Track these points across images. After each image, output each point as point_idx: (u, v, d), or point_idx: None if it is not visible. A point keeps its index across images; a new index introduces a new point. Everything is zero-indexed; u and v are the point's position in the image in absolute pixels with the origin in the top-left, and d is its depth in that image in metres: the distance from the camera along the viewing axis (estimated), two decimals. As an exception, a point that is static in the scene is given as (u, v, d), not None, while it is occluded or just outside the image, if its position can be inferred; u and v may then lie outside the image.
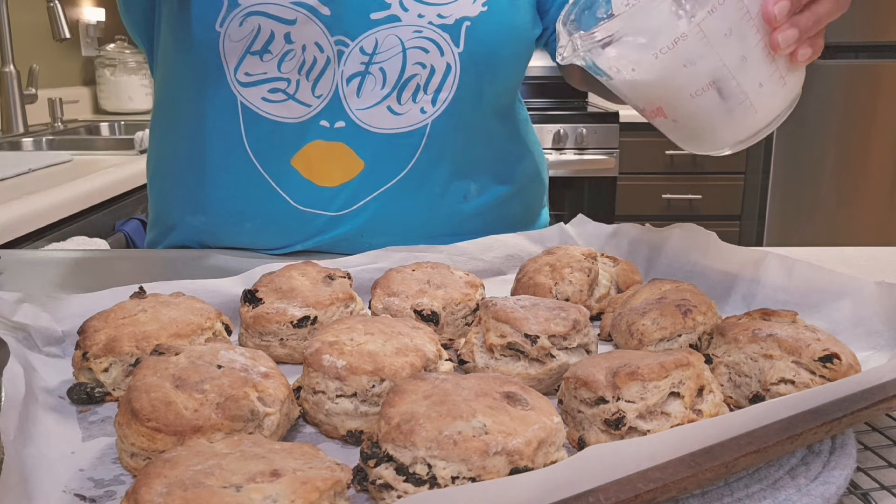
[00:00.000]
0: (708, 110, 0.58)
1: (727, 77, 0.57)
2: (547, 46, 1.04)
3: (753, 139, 0.61)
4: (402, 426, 0.44)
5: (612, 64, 0.58)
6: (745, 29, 0.56)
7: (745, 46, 0.56)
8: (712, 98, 0.57)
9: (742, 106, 0.58)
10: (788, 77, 0.59)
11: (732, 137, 0.61)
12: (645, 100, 0.60)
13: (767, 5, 0.55)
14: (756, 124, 0.60)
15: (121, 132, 2.64)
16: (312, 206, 0.91)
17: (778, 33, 0.56)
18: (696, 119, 0.59)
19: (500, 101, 0.97)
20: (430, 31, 0.88)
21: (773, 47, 0.57)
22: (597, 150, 2.99)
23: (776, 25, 0.56)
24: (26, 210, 1.41)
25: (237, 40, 0.85)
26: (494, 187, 0.98)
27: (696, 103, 0.58)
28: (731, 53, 0.56)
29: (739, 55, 0.56)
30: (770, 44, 0.57)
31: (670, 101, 0.59)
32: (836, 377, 0.53)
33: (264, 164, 0.90)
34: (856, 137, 2.97)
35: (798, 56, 0.58)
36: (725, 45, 0.55)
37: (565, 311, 0.63)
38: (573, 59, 0.58)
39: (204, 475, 0.39)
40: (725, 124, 0.59)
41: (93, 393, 0.57)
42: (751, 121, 0.59)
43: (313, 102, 0.88)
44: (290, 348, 0.65)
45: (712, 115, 0.59)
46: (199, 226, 0.96)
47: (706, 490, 0.44)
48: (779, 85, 0.59)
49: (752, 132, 0.60)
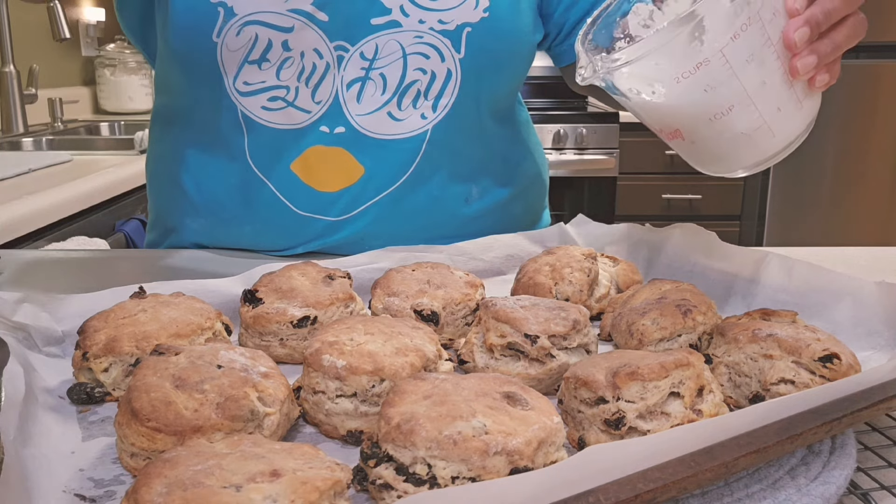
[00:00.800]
0: (726, 134, 0.59)
1: (747, 102, 0.57)
2: (550, 50, 1.04)
3: (769, 162, 0.61)
4: (402, 426, 0.44)
5: (632, 86, 0.59)
6: (765, 55, 0.56)
7: (765, 72, 0.57)
8: (731, 122, 0.58)
9: (760, 130, 0.59)
10: (805, 101, 0.60)
11: (749, 160, 0.61)
12: (663, 122, 0.61)
13: (788, 32, 0.56)
14: (773, 147, 0.60)
15: (121, 132, 2.64)
16: (312, 211, 0.91)
17: (798, 59, 0.57)
18: (714, 142, 0.60)
19: (500, 105, 0.97)
20: (430, 36, 0.87)
21: (792, 73, 0.57)
22: (597, 150, 2.99)
23: (796, 52, 0.57)
24: (26, 210, 1.41)
25: (235, 50, 0.85)
26: (496, 190, 0.98)
27: (715, 127, 0.58)
28: (752, 79, 0.56)
29: (760, 80, 0.57)
30: (790, 69, 0.57)
31: (689, 124, 0.59)
32: (836, 377, 0.53)
33: (264, 170, 0.90)
34: (856, 137, 2.97)
35: (816, 82, 0.59)
36: (746, 71, 0.56)
37: (565, 311, 0.63)
38: (593, 79, 0.58)
39: (204, 475, 0.39)
40: (743, 147, 0.60)
41: (93, 393, 0.57)
42: (768, 144, 0.60)
43: (313, 109, 0.88)
44: (290, 348, 0.65)
45: (731, 139, 0.59)
46: (198, 228, 0.96)
47: (706, 490, 0.44)
48: (796, 109, 0.59)
49: (769, 155, 0.61)
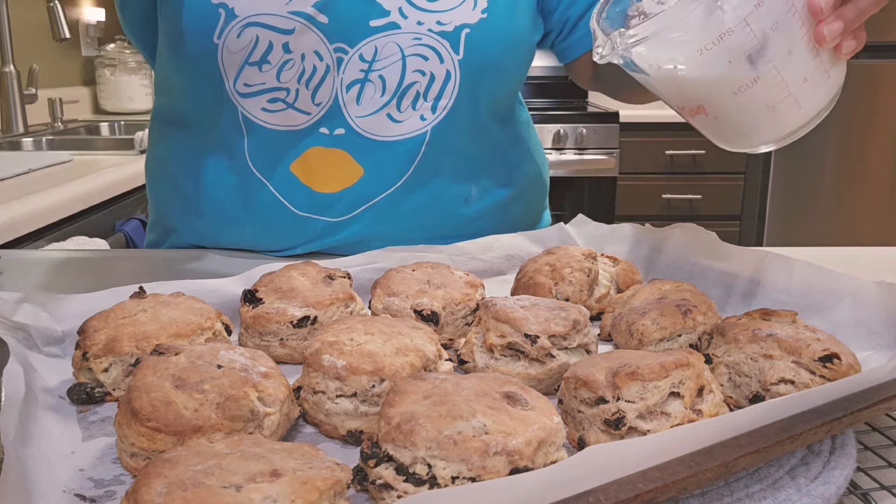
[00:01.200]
0: (751, 107, 0.57)
1: (772, 72, 0.55)
2: (553, 47, 1.04)
3: (796, 135, 0.60)
4: (402, 426, 0.44)
5: (653, 61, 0.57)
6: (790, 22, 0.55)
7: (790, 40, 0.55)
8: (756, 94, 0.56)
9: (786, 102, 0.57)
10: (832, 71, 0.58)
11: (776, 134, 0.60)
12: (685, 97, 0.59)
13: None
14: (800, 119, 0.59)
15: (121, 132, 2.64)
16: (312, 212, 0.91)
17: (823, 25, 0.55)
18: (738, 116, 0.58)
19: (500, 106, 0.97)
20: (429, 38, 0.87)
21: (818, 40, 0.56)
22: (597, 150, 2.99)
23: (822, 18, 0.55)
24: (26, 210, 1.41)
25: (235, 52, 0.85)
26: (496, 190, 0.98)
27: (740, 100, 0.57)
28: (777, 48, 0.55)
29: (785, 49, 0.55)
30: (815, 36, 0.56)
31: (712, 99, 0.58)
32: (836, 377, 0.53)
33: (263, 171, 0.90)
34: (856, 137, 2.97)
35: (843, 48, 0.57)
36: (771, 40, 0.54)
37: (565, 311, 0.63)
38: (611, 57, 0.57)
39: (204, 475, 0.39)
40: (769, 120, 0.58)
41: (93, 393, 0.57)
42: (795, 116, 0.58)
43: (313, 110, 0.88)
44: (290, 348, 0.65)
45: (756, 112, 0.58)
46: (198, 229, 0.96)
47: (706, 490, 0.44)
48: (823, 79, 0.58)
49: (796, 128, 0.59)
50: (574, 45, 1.01)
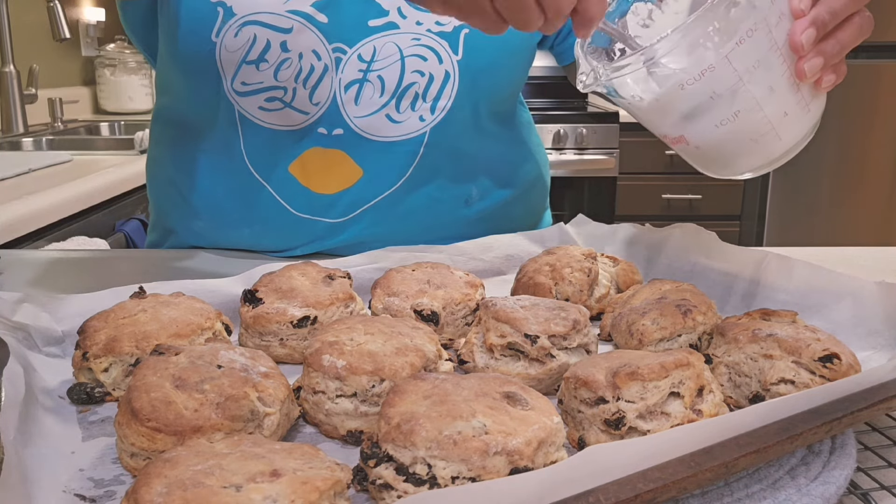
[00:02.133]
0: (732, 139, 0.58)
1: (754, 107, 0.56)
2: (552, 49, 1.04)
3: (774, 165, 0.60)
4: (402, 426, 0.44)
5: (636, 92, 0.58)
6: (772, 59, 0.55)
7: (771, 76, 0.56)
8: (737, 128, 0.57)
9: (768, 135, 0.58)
10: (812, 103, 0.59)
11: (755, 163, 0.60)
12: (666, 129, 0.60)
13: (795, 35, 0.55)
14: (778, 150, 0.59)
15: (121, 132, 2.64)
16: (311, 214, 0.91)
17: (804, 62, 0.56)
18: (719, 147, 0.59)
19: (500, 107, 0.97)
20: (428, 38, 0.87)
21: (798, 76, 0.56)
22: (597, 150, 2.99)
23: (803, 54, 0.55)
24: (26, 210, 1.41)
25: (233, 50, 0.85)
26: (496, 191, 0.98)
27: (721, 132, 0.57)
28: (759, 84, 0.55)
29: (767, 85, 0.56)
30: (796, 72, 0.56)
31: (693, 130, 0.58)
32: (836, 377, 0.53)
33: (261, 171, 0.90)
34: (855, 137, 2.97)
35: (822, 83, 0.58)
36: (753, 76, 0.55)
37: (565, 311, 0.63)
38: (595, 87, 0.57)
39: (204, 475, 0.39)
40: (749, 152, 0.59)
41: (93, 393, 0.57)
42: (774, 147, 0.59)
43: (311, 110, 0.88)
44: (290, 348, 0.65)
45: (737, 143, 0.58)
46: (198, 230, 0.96)
47: (706, 490, 0.44)
48: (803, 112, 0.58)
49: (775, 157, 0.60)
50: (570, 49, 1.01)
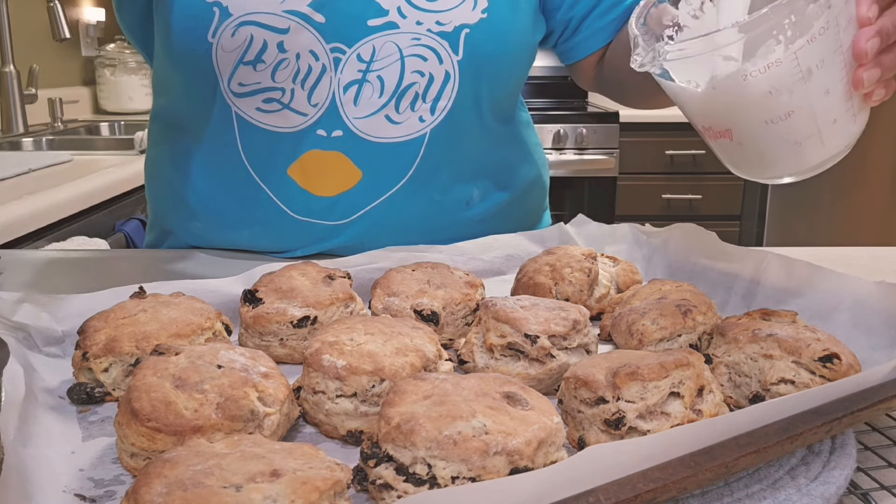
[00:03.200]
0: (778, 139, 0.57)
1: (807, 109, 0.56)
2: (556, 47, 1.03)
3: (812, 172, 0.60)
4: (402, 426, 0.44)
5: (692, 77, 0.57)
6: (834, 62, 0.55)
7: (830, 80, 0.55)
8: (786, 128, 0.56)
9: (812, 139, 0.57)
10: (859, 115, 0.59)
11: (794, 168, 0.60)
12: (715, 119, 0.59)
13: (860, 42, 0.55)
14: (818, 158, 0.59)
15: (121, 132, 2.64)
16: (310, 216, 0.90)
17: (864, 70, 0.56)
18: (764, 145, 0.58)
19: (500, 107, 0.96)
20: (428, 38, 0.87)
21: (855, 84, 0.56)
22: (597, 150, 2.99)
23: (865, 62, 0.55)
24: (26, 210, 1.41)
25: (230, 51, 0.84)
26: (496, 193, 0.97)
27: (769, 130, 0.57)
28: (818, 86, 0.55)
29: (824, 88, 0.55)
30: (853, 80, 0.56)
31: (743, 124, 0.58)
32: (836, 377, 0.53)
33: (260, 174, 0.89)
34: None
35: (873, 96, 0.58)
36: (814, 77, 0.54)
37: (565, 311, 0.63)
38: (651, 67, 0.57)
39: (204, 475, 0.39)
40: (791, 155, 0.58)
41: (93, 393, 0.57)
42: (816, 154, 0.58)
43: (310, 111, 0.87)
44: (290, 348, 0.65)
45: (782, 144, 0.58)
46: (196, 232, 0.96)
47: (706, 490, 0.44)
48: (850, 122, 0.58)
49: (814, 165, 0.59)
50: (578, 46, 1.00)
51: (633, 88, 0.98)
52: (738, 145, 0.59)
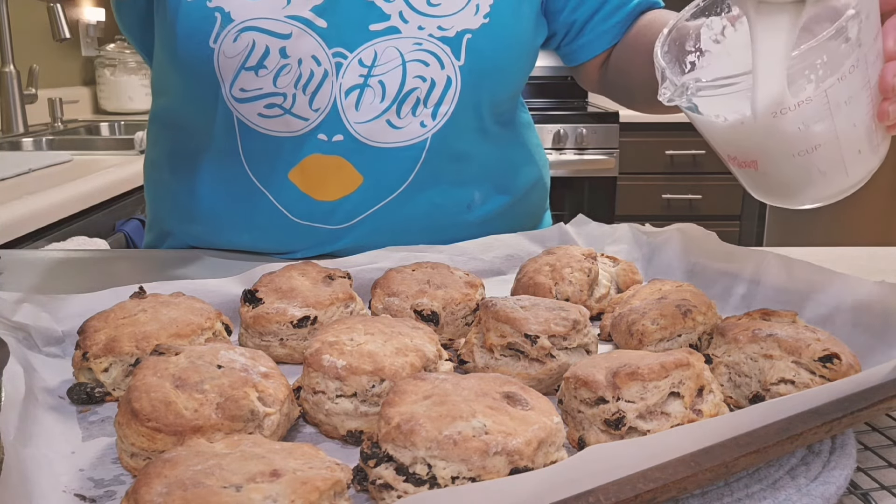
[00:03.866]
0: (804, 170, 0.58)
1: (833, 141, 0.56)
2: (559, 49, 1.03)
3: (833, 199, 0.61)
4: (402, 426, 0.44)
5: (721, 112, 0.58)
6: (861, 97, 0.56)
7: (857, 114, 0.56)
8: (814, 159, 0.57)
9: (837, 169, 0.58)
10: (881, 145, 0.60)
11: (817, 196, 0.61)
12: (741, 150, 0.60)
13: (887, 76, 0.56)
14: (843, 185, 0.60)
15: (121, 132, 2.64)
16: (311, 220, 0.90)
17: (889, 104, 0.57)
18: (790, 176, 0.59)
19: (501, 109, 0.96)
20: (430, 43, 0.86)
21: (880, 117, 0.57)
22: (597, 150, 2.99)
23: (891, 97, 0.56)
24: (26, 210, 1.41)
25: (231, 56, 0.84)
26: (498, 196, 0.97)
27: (796, 162, 0.58)
28: (845, 120, 0.56)
29: (851, 122, 0.56)
30: (879, 113, 0.57)
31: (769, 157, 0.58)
32: (836, 377, 0.53)
33: (261, 178, 0.89)
34: (856, 137, 2.97)
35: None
36: (842, 112, 0.55)
37: (565, 311, 0.63)
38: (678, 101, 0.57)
39: (204, 475, 0.39)
40: (816, 184, 0.59)
41: (93, 393, 0.57)
42: (840, 183, 0.59)
43: (311, 116, 0.87)
44: (290, 348, 0.65)
45: (807, 174, 0.59)
46: (195, 234, 0.96)
47: (706, 490, 0.44)
48: (873, 153, 0.59)
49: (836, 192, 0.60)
50: (581, 48, 1.00)
51: (639, 93, 0.98)
52: (764, 174, 0.60)
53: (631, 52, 0.96)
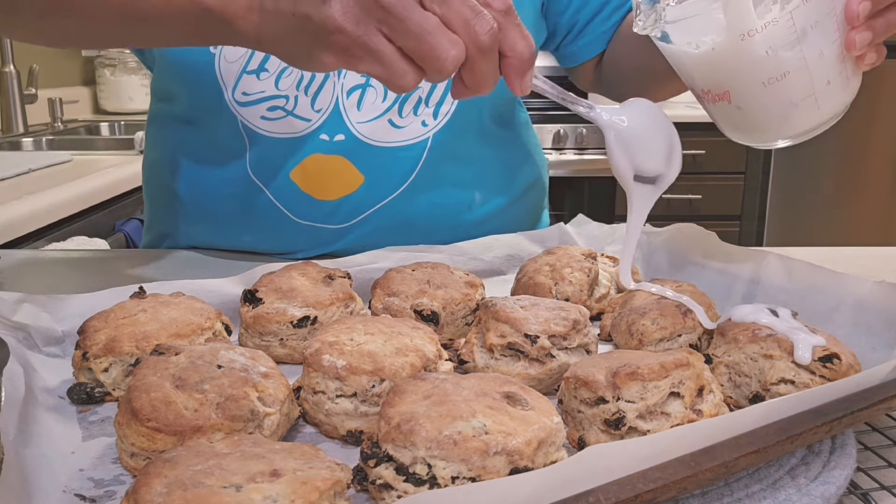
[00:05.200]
0: (775, 100, 0.59)
1: (803, 69, 0.58)
2: (558, 50, 1.03)
3: (807, 136, 0.62)
4: (402, 426, 0.44)
5: (693, 39, 0.59)
6: (827, 24, 0.57)
7: (824, 41, 0.58)
8: (783, 88, 0.59)
9: (808, 101, 0.59)
10: (852, 79, 0.61)
11: (790, 131, 0.62)
12: (714, 81, 0.61)
13: (852, 4, 0.57)
14: (815, 120, 0.61)
15: (121, 132, 2.64)
16: (313, 220, 0.90)
17: (855, 32, 0.58)
18: (761, 107, 0.61)
19: (501, 109, 0.96)
20: None
21: (848, 46, 0.58)
22: (597, 150, 2.99)
23: (856, 25, 0.57)
24: (26, 210, 1.41)
25: (233, 61, 0.84)
26: (497, 195, 0.97)
27: (766, 91, 0.59)
28: (812, 47, 0.57)
29: (818, 50, 0.58)
30: (846, 43, 0.58)
31: (740, 86, 0.60)
32: (836, 377, 0.53)
33: (262, 178, 0.89)
34: (856, 137, 2.97)
35: (865, 59, 0.60)
36: (808, 38, 0.57)
37: (565, 311, 0.63)
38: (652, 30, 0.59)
39: (204, 475, 0.39)
40: (788, 117, 0.61)
41: (93, 393, 0.57)
42: (812, 116, 0.61)
43: (313, 117, 0.87)
44: (290, 348, 0.65)
45: (778, 106, 0.60)
46: (194, 234, 0.96)
47: (706, 490, 0.44)
48: (843, 86, 0.60)
49: (810, 128, 0.62)
50: (581, 49, 1.00)
51: (630, 82, 0.99)
52: (737, 108, 0.61)
53: (620, 44, 0.97)
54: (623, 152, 0.64)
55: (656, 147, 0.64)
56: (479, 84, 0.52)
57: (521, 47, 0.51)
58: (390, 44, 0.49)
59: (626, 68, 0.96)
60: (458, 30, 0.49)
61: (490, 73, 0.51)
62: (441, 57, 0.48)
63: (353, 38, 0.49)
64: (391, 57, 0.50)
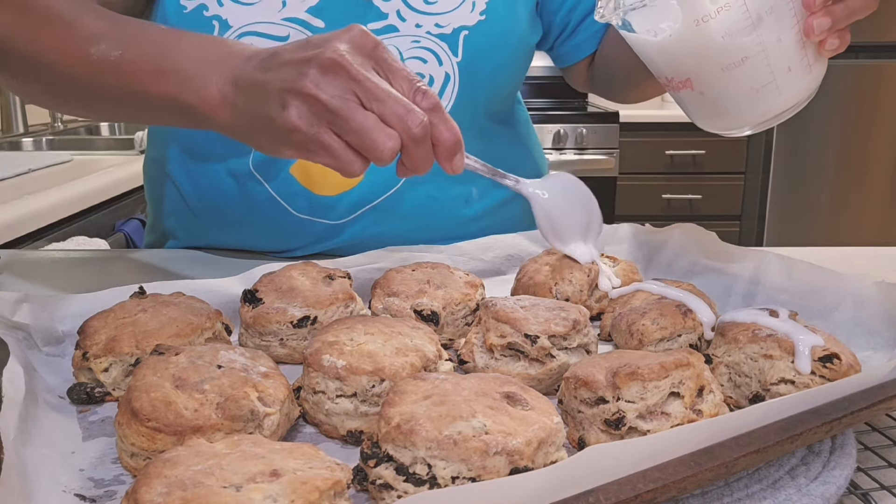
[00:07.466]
0: (736, 86, 0.60)
1: (760, 55, 0.59)
2: (552, 50, 1.03)
3: (772, 122, 0.63)
4: (402, 426, 0.44)
5: (651, 27, 0.60)
6: (784, 10, 0.58)
7: (781, 27, 0.58)
8: (743, 74, 0.59)
9: (769, 87, 0.60)
10: (814, 66, 0.62)
11: (754, 118, 0.63)
12: (675, 69, 0.62)
13: None
14: (778, 107, 0.62)
15: (121, 132, 2.64)
16: (312, 215, 0.90)
17: (813, 19, 0.58)
18: (723, 93, 0.61)
19: (499, 107, 0.97)
20: (427, 40, 0.87)
21: (806, 32, 0.59)
22: (597, 150, 2.99)
23: (814, 11, 0.58)
24: (26, 210, 1.41)
25: None
26: (495, 191, 0.98)
27: (727, 77, 0.60)
28: (769, 32, 0.58)
29: (776, 35, 0.58)
30: (804, 29, 0.59)
31: (701, 72, 0.61)
32: (836, 377, 0.53)
33: (263, 173, 0.90)
34: (856, 137, 2.97)
35: (826, 45, 0.60)
36: (764, 23, 0.58)
37: (565, 311, 0.63)
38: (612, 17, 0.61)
39: (204, 475, 0.39)
40: (750, 102, 0.61)
41: (93, 393, 0.57)
42: (774, 102, 0.61)
43: None
44: (290, 348, 0.65)
45: (740, 92, 0.61)
46: (196, 232, 0.96)
47: (706, 490, 0.44)
48: (805, 72, 0.61)
49: (773, 114, 0.62)
50: (574, 49, 1.01)
51: (622, 80, 0.99)
52: (700, 95, 0.62)
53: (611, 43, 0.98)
54: (546, 220, 0.75)
55: (574, 215, 0.76)
56: (416, 167, 0.59)
57: (447, 136, 0.58)
58: (339, 139, 0.57)
59: (617, 68, 0.97)
60: (394, 125, 0.56)
61: (424, 159, 0.58)
62: (380, 149, 0.55)
63: (308, 136, 0.57)
64: (340, 150, 0.57)
